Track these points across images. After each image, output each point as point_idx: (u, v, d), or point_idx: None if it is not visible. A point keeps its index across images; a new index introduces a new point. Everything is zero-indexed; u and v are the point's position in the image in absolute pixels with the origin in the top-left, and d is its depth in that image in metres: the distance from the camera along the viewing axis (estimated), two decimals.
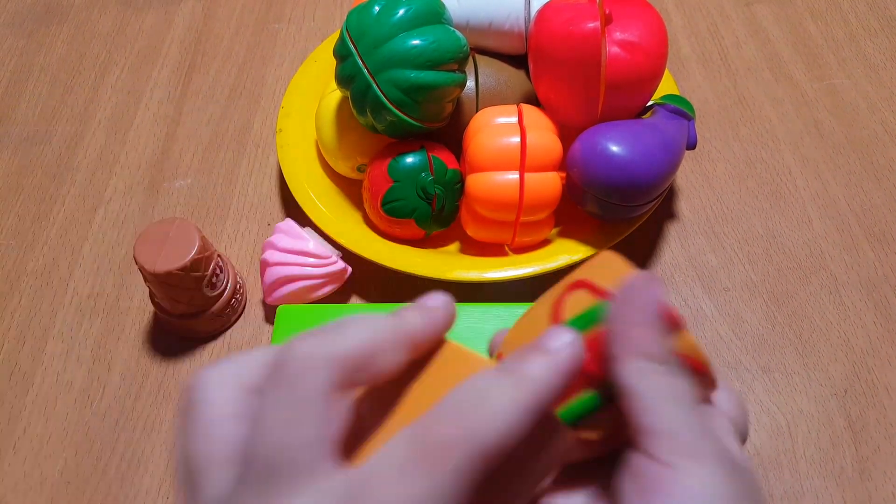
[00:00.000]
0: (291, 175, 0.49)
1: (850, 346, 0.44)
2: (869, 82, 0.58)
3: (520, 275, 0.43)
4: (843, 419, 0.41)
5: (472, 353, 0.21)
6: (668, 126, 0.43)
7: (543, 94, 0.44)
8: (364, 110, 0.42)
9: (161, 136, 0.57)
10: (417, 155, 0.44)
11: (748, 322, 0.45)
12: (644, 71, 0.41)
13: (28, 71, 0.62)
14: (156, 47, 0.64)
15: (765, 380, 0.43)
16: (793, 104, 0.57)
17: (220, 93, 0.60)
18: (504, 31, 0.47)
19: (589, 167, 0.41)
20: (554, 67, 0.42)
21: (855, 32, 0.61)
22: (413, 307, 0.21)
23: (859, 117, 0.55)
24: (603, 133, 0.41)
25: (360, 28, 0.41)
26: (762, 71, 0.59)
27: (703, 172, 0.53)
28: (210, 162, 0.55)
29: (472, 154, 0.43)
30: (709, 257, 0.48)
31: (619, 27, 0.41)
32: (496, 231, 0.44)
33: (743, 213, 0.50)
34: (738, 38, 0.61)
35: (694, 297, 0.47)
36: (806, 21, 0.62)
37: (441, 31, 0.41)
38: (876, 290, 0.46)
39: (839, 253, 0.48)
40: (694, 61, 0.60)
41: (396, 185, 0.44)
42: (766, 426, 0.41)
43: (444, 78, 0.41)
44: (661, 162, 0.41)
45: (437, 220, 0.45)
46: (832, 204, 0.51)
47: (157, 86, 0.61)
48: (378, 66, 0.40)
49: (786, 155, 0.54)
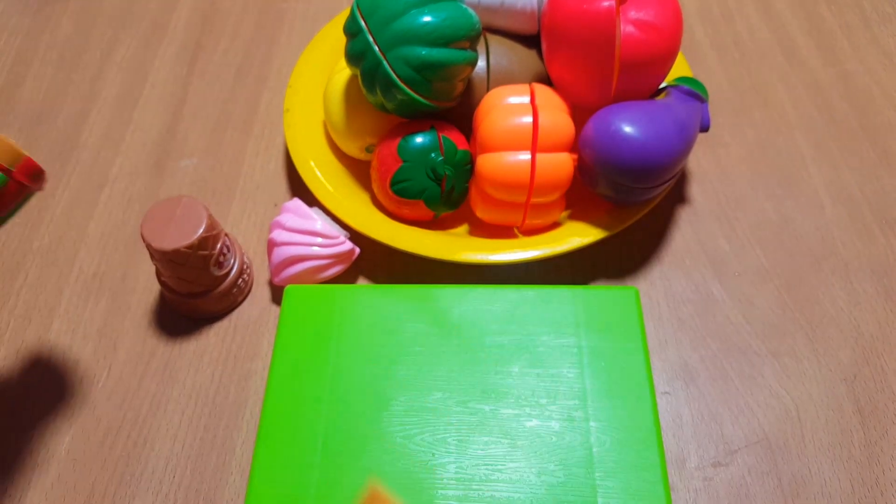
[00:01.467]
0: (299, 155, 0.48)
1: (860, 331, 0.44)
2: (882, 68, 0.57)
3: (528, 257, 0.43)
4: (851, 404, 0.41)
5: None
6: (682, 108, 0.42)
7: (556, 73, 0.44)
8: (374, 88, 0.42)
9: (167, 115, 0.57)
10: (427, 135, 0.43)
11: (759, 307, 0.45)
12: (659, 50, 0.40)
13: (34, 49, 0.62)
14: (162, 26, 0.63)
15: (775, 364, 0.43)
16: (806, 90, 0.56)
17: (226, 72, 0.59)
18: (516, 10, 0.47)
19: (602, 148, 0.40)
20: (567, 47, 0.41)
21: (869, 18, 0.61)
22: None
23: (873, 103, 0.55)
24: (616, 113, 0.40)
25: (372, 4, 0.40)
26: (776, 56, 0.58)
27: (715, 157, 0.52)
28: (217, 141, 0.55)
29: (483, 134, 0.42)
30: (720, 242, 0.48)
31: (634, 6, 0.40)
32: (506, 213, 0.44)
33: (755, 199, 0.50)
34: (751, 24, 0.61)
35: (705, 281, 0.46)
36: (820, 6, 0.62)
37: (453, 8, 0.40)
38: (887, 276, 0.46)
39: (851, 239, 0.48)
40: (707, 46, 0.59)
41: (406, 166, 0.43)
42: (775, 410, 0.41)
43: (455, 56, 0.40)
44: (674, 143, 0.40)
45: (446, 202, 0.45)
46: (844, 190, 0.50)
47: (163, 64, 0.60)
48: (389, 42, 0.40)
49: (799, 140, 0.53)
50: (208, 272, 0.42)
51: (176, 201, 0.41)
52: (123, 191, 0.52)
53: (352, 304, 0.40)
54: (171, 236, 0.40)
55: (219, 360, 0.44)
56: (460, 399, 0.37)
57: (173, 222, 0.40)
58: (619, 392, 0.37)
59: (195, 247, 0.40)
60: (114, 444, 0.41)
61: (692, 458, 0.40)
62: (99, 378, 0.43)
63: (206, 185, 0.52)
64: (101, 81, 0.59)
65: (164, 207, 0.41)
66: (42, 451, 0.41)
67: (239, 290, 0.45)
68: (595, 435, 0.36)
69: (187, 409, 0.42)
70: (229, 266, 0.44)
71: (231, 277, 0.44)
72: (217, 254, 0.42)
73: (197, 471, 0.40)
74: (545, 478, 0.34)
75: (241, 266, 0.45)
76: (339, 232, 0.44)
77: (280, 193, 0.52)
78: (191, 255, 0.40)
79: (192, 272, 0.42)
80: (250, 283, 0.47)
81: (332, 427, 0.36)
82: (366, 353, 0.39)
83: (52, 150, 0.55)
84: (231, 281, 0.44)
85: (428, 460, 0.35)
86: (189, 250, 0.40)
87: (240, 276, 0.45)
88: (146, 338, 0.45)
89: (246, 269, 0.46)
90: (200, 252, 0.41)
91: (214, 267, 0.42)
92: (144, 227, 0.40)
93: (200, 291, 0.43)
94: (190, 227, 0.40)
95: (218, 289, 0.43)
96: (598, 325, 0.39)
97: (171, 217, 0.41)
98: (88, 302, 0.47)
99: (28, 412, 0.42)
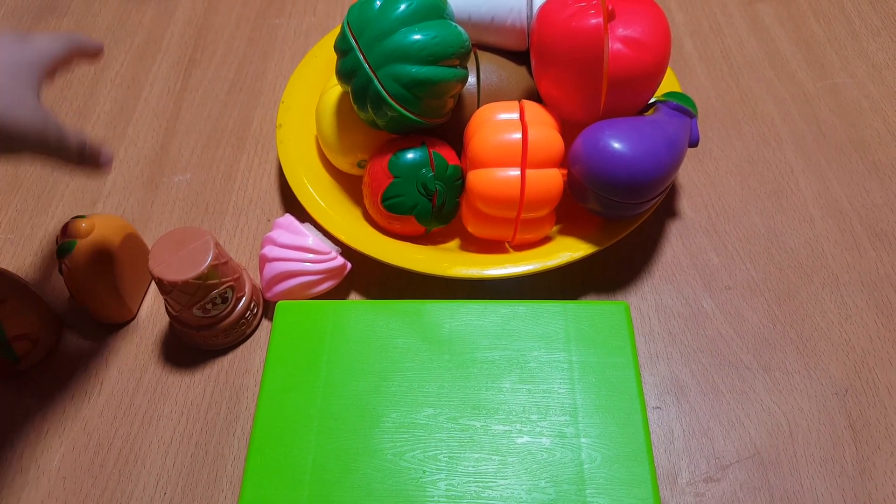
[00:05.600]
0: (291, 170, 0.49)
1: (850, 345, 0.44)
2: (871, 81, 0.57)
3: (520, 272, 0.43)
4: (843, 418, 0.41)
5: None
6: (671, 123, 0.43)
7: (545, 90, 0.44)
8: (365, 105, 0.42)
9: (160, 131, 0.57)
10: (418, 151, 0.44)
11: (749, 321, 0.45)
12: (647, 67, 0.41)
13: None
14: (156, 42, 0.63)
15: (766, 378, 0.43)
16: (795, 103, 0.56)
17: (219, 88, 0.59)
18: (506, 27, 0.47)
19: (591, 164, 0.40)
20: (556, 63, 0.42)
21: (858, 31, 0.61)
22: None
23: (862, 116, 0.55)
24: (605, 129, 0.41)
25: (362, 22, 0.41)
26: (764, 70, 0.59)
27: (704, 171, 0.53)
28: (209, 157, 0.55)
29: (474, 150, 0.42)
30: (710, 256, 0.48)
31: (622, 23, 0.41)
32: (497, 228, 0.44)
33: (745, 212, 0.50)
34: (740, 37, 0.61)
35: (695, 295, 0.46)
36: (809, 20, 0.62)
37: (443, 27, 0.41)
38: (877, 289, 0.46)
39: (840, 252, 0.48)
40: (696, 59, 0.60)
41: (397, 181, 0.44)
42: (766, 425, 0.41)
43: (445, 73, 0.41)
44: (663, 159, 0.40)
45: (437, 217, 0.45)
46: (834, 203, 0.51)
47: (156, 80, 0.60)
48: (379, 60, 0.40)
49: (788, 154, 0.53)
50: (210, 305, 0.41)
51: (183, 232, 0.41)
52: (117, 206, 0.52)
53: (343, 320, 0.40)
54: (176, 268, 0.39)
55: (210, 375, 0.44)
56: (451, 415, 0.37)
57: (179, 254, 0.40)
58: (610, 407, 0.37)
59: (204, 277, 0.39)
60: (105, 460, 0.41)
61: (684, 474, 0.40)
62: (91, 394, 0.43)
63: (199, 201, 0.52)
64: (95, 97, 0.59)
65: (170, 238, 0.41)
66: (33, 468, 0.41)
67: (247, 322, 0.45)
68: (586, 451, 0.36)
69: (179, 426, 0.42)
70: (230, 302, 0.43)
71: (239, 310, 0.43)
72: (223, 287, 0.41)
73: (188, 487, 0.40)
74: (536, 495, 0.34)
75: (249, 299, 0.44)
76: (330, 247, 0.44)
77: (273, 208, 0.52)
78: (200, 286, 0.40)
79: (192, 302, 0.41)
80: (259, 315, 0.46)
81: (323, 443, 0.36)
82: (357, 368, 0.39)
83: (45, 166, 0.55)
84: (238, 314, 0.43)
85: (419, 477, 0.35)
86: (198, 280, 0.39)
87: (247, 310, 0.44)
88: (137, 354, 0.45)
89: (253, 307, 0.45)
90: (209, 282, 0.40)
91: (210, 304, 0.41)
92: (152, 258, 0.40)
93: (206, 324, 0.42)
94: (198, 259, 0.40)
95: (224, 322, 0.43)
96: (589, 340, 0.39)
97: (177, 248, 0.40)
98: (80, 317, 0.47)
99: (19, 429, 0.42)
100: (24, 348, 0.43)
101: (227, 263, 0.42)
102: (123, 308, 0.45)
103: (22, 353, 0.43)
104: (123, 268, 0.44)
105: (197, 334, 0.43)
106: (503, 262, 0.44)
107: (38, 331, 0.43)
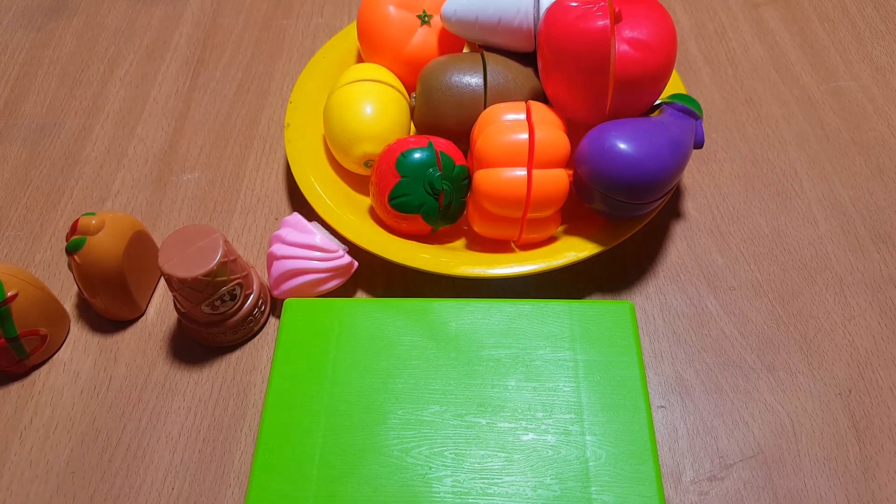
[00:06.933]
0: (299, 169, 0.49)
1: (854, 346, 0.44)
2: (875, 85, 0.58)
3: (525, 271, 0.43)
4: (847, 419, 0.41)
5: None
6: (676, 125, 0.43)
7: (552, 91, 0.45)
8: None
9: (169, 129, 0.57)
10: (425, 150, 0.44)
11: (753, 321, 0.45)
12: (653, 69, 0.41)
13: (37, 64, 0.62)
14: (164, 42, 0.64)
15: (769, 379, 0.43)
16: (799, 105, 0.57)
17: (228, 87, 0.60)
18: (513, 28, 0.48)
19: (597, 164, 0.41)
20: (563, 64, 0.42)
21: (862, 34, 0.62)
22: None
23: (866, 119, 0.56)
24: (611, 130, 0.41)
25: None
26: (769, 72, 0.59)
27: (709, 172, 0.53)
28: (218, 156, 0.55)
29: (480, 150, 0.43)
30: (715, 257, 0.48)
31: (629, 25, 0.41)
32: (503, 227, 0.44)
33: (749, 213, 0.51)
34: (745, 40, 0.62)
35: (700, 296, 0.47)
36: (813, 23, 0.63)
37: None
38: (881, 290, 0.46)
39: (844, 253, 0.48)
40: (701, 62, 0.60)
41: (404, 181, 0.44)
42: (770, 425, 0.41)
43: None
44: (668, 160, 0.41)
45: (443, 216, 0.46)
46: (838, 205, 0.51)
47: (165, 80, 0.61)
48: None
49: (792, 156, 0.54)
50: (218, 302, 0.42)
51: (192, 229, 0.41)
52: (125, 204, 0.53)
53: (350, 318, 0.41)
54: (185, 265, 0.40)
55: (218, 372, 0.44)
56: (457, 412, 0.37)
57: (189, 250, 0.40)
58: (615, 405, 0.37)
59: (213, 273, 0.40)
60: (113, 455, 0.41)
61: (688, 472, 0.40)
62: (99, 390, 0.44)
63: (207, 199, 0.53)
64: (104, 96, 0.60)
65: (179, 236, 0.41)
66: (42, 463, 0.41)
67: (255, 319, 0.45)
68: (591, 449, 0.36)
69: (187, 421, 0.42)
70: (239, 299, 0.43)
71: (247, 307, 0.44)
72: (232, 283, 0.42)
73: (196, 482, 0.40)
74: (541, 492, 0.35)
75: (257, 297, 0.44)
76: (337, 246, 0.45)
77: (280, 207, 0.52)
78: (209, 283, 0.40)
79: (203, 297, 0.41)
80: (267, 313, 0.46)
81: (330, 439, 0.37)
82: (364, 365, 0.39)
83: (55, 164, 0.55)
84: (247, 311, 0.44)
85: (425, 474, 0.35)
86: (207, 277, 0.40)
87: (255, 307, 0.44)
88: (146, 350, 0.45)
89: (261, 305, 0.45)
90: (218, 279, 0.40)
91: (218, 301, 0.42)
92: (161, 255, 0.40)
93: (215, 321, 0.43)
94: (206, 256, 0.40)
95: (232, 319, 0.43)
96: (594, 339, 0.39)
97: (186, 245, 0.40)
98: (88, 314, 0.47)
99: (28, 423, 0.43)
100: (33, 344, 0.43)
101: (236, 261, 0.42)
102: (132, 305, 0.46)
103: (31, 349, 0.43)
104: (132, 265, 0.45)
105: (205, 331, 0.43)
106: (509, 262, 0.44)
107: (48, 327, 0.44)
